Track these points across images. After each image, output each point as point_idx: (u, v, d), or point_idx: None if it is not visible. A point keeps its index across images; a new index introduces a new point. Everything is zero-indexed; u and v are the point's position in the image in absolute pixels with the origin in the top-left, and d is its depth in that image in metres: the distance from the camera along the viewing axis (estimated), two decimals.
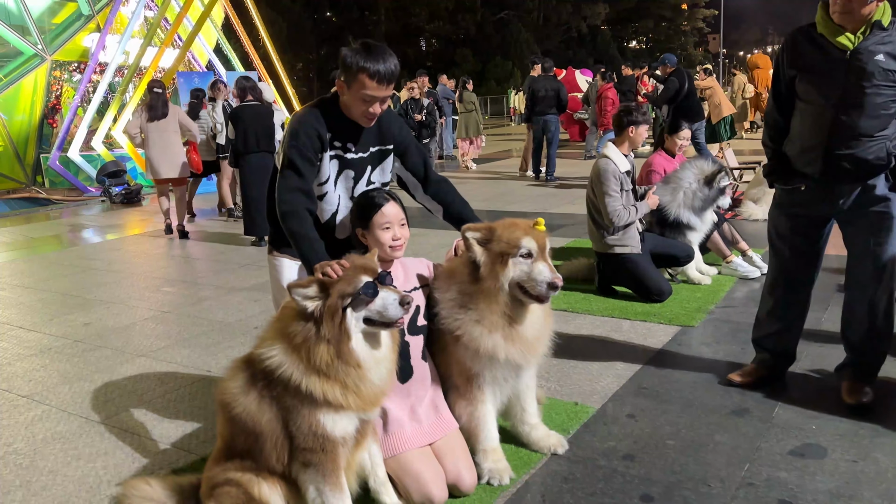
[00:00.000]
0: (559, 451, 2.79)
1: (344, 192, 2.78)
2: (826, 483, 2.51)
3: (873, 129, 2.81)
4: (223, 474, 2.31)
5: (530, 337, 2.59)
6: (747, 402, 3.18)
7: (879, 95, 2.78)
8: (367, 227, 2.57)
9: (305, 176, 2.62)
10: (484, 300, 2.51)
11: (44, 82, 14.09)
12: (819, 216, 3.05)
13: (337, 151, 2.72)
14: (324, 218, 2.77)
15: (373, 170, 2.83)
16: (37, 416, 3.48)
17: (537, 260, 2.50)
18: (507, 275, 2.48)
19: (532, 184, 11.13)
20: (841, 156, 2.85)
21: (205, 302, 5.39)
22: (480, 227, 2.58)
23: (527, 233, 2.51)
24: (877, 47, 2.76)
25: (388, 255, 2.57)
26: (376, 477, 2.46)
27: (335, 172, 2.74)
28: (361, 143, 2.76)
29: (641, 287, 4.72)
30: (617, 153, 4.77)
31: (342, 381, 2.15)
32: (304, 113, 2.72)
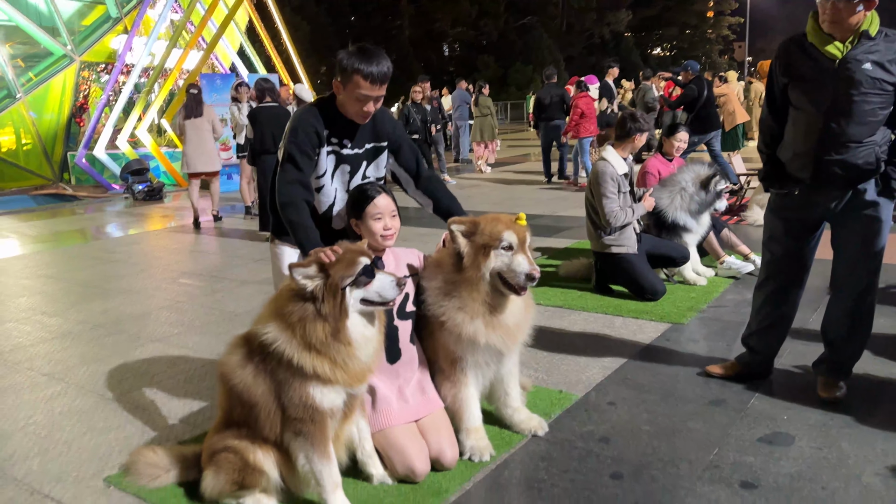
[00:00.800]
0: (539, 433, 2.95)
1: (340, 185, 2.98)
2: (789, 467, 2.65)
3: (862, 135, 2.93)
4: (222, 442, 2.51)
5: (510, 324, 2.75)
6: (725, 393, 3.32)
7: (867, 103, 2.90)
8: (360, 217, 2.76)
9: (303, 169, 2.82)
10: (466, 289, 2.69)
11: (72, 82, 14.55)
12: (811, 219, 3.17)
13: (334, 147, 2.91)
14: (321, 209, 2.97)
15: (368, 165, 3.01)
16: (56, 392, 3.71)
17: (517, 252, 2.66)
18: (489, 265, 2.65)
19: (543, 187, 11.28)
20: (831, 161, 2.96)
21: (218, 293, 5.62)
22: (465, 220, 2.75)
23: (508, 226, 2.68)
24: (864, 56, 2.88)
25: (379, 244, 2.76)
26: (363, 449, 2.65)
27: (332, 167, 2.94)
28: (357, 140, 2.95)
29: (636, 286, 4.86)
30: (615, 156, 4.92)
31: (332, 357, 2.33)
32: (304, 111, 2.92)
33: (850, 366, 3.25)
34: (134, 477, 2.71)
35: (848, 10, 2.84)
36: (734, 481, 2.57)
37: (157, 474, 2.70)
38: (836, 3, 2.83)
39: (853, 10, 2.84)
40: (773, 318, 3.36)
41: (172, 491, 2.65)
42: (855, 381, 3.30)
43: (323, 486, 2.40)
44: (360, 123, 2.91)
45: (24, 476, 2.85)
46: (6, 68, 13.43)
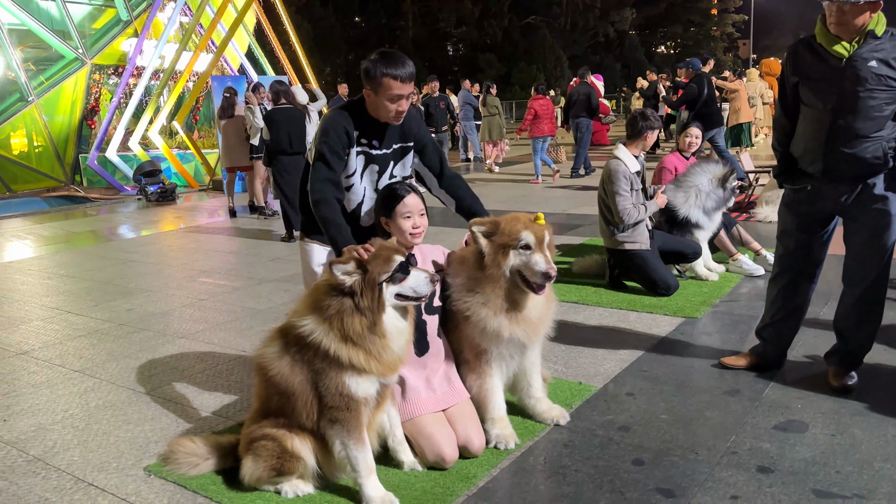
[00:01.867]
0: (561, 422, 3.06)
1: (369, 184, 3.10)
2: (804, 453, 2.75)
3: (869, 130, 3.02)
4: (260, 430, 2.63)
5: (533, 318, 2.86)
6: (739, 383, 3.43)
7: (873, 99, 3.01)
8: (390, 215, 2.88)
9: (334, 168, 2.94)
10: (489, 286, 2.79)
11: (84, 85, 14.69)
12: (822, 214, 3.27)
13: (363, 148, 3.03)
14: (350, 207, 3.09)
15: (395, 165, 3.13)
16: (89, 387, 3.84)
17: (535, 251, 2.75)
18: (508, 263, 2.75)
19: (551, 186, 11.38)
20: (840, 156, 3.07)
21: (238, 291, 5.74)
22: (485, 220, 2.86)
23: (526, 226, 2.77)
24: (870, 54, 2.99)
25: (408, 241, 2.87)
26: (394, 437, 2.76)
27: (361, 166, 3.05)
28: (385, 141, 3.07)
29: (649, 281, 4.96)
30: (628, 154, 5.02)
31: (367, 348, 2.45)
32: (335, 113, 3.04)
33: (861, 356, 3.34)
34: (173, 466, 2.82)
35: (853, 13, 2.95)
36: (751, 466, 2.67)
37: (196, 462, 2.81)
38: (841, 5, 2.94)
39: (858, 12, 2.95)
40: (786, 311, 3.46)
41: (211, 478, 2.76)
42: (866, 371, 3.41)
43: (358, 471, 2.51)
44: (396, 124, 3.02)
45: (66, 466, 2.97)
46: (19, 72, 13.58)
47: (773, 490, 2.49)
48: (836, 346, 3.40)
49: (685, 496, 2.49)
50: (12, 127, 13.98)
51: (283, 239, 7.87)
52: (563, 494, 2.55)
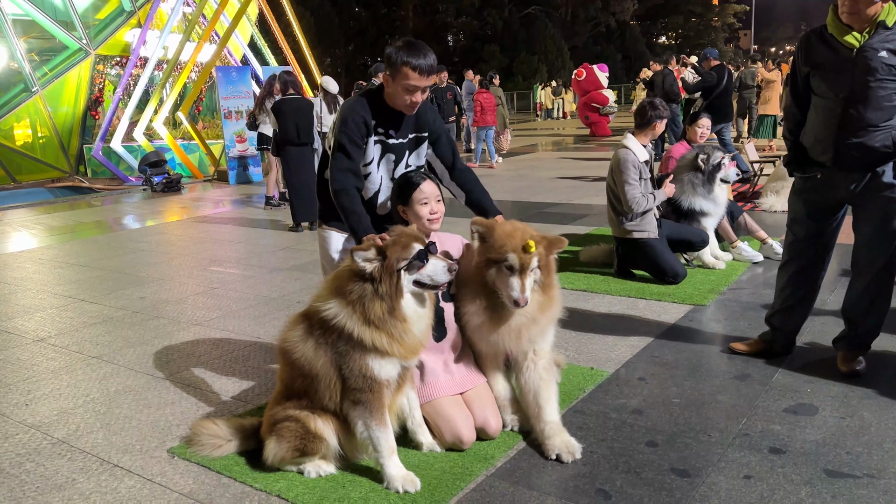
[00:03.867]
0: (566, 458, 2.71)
1: (385, 173, 3.15)
2: (814, 435, 2.81)
3: (879, 119, 3.06)
4: (283, 412, 2.69)
5: (513, 325, 2.80)
6: (749, 368, 3.49)
7: (883, 89, 3.05)
8: (407, 203, 2.93)
9: (353, 158, 3.00)
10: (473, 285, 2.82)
11: (87, 76, 14.69)
12: (832, 202, 3.32)
13: (380, 137, 3.08)
14: (367, 196, 3.14)
15: (410, 154, 3.19)
16: (108, 372, 3.90)
17: (513, 275, 2.71)
18: (490, 276, 2.77)
19: (556, 177, 11.42)
20: (850, 145, 3.12)
21: (250, 280, 5.80)
22: (484, 223, 2.82)
23: (514, 250, 2.71)
24: (881, 45, 3.04)
25: (426, 227, 2.92)
26: (413, 419, 2.82)
27: (378, 155, 3.11)
28: (401, 130, 3.13)
29: (658, 270, 5.02)
30: (636, 144, 5.06)
31: (389, 331, 2.50)
32: (353, 102, 3.08)
33: (869, 342, 3.40)
34: (197, 447, 2.89)
35: (865, 2, 2.99)
36: (763, 447, 2.73)
37: (219, 444, 2.87)
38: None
39: (871, 2, 2.99)
40: (795, 298, 3.52)
41: (234, 459, 2.83)
42: (874, 357, 3.47)
43: (380, 451, 2.57)
44: (409, 114, 3.07)
45: (91, 448, 3.03)
46: (23, 62, 13.59)
47: (786, 470, 2.56)
48: (844, 332, 3.46)
49: (699, 476, 2.55)
50: (17, 117, 14.00)
51: (290, 228, 7.92)
52: (579, 474, 2.61)
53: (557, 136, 21.72)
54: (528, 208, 8.55)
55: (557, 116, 32.01)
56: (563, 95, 31.72)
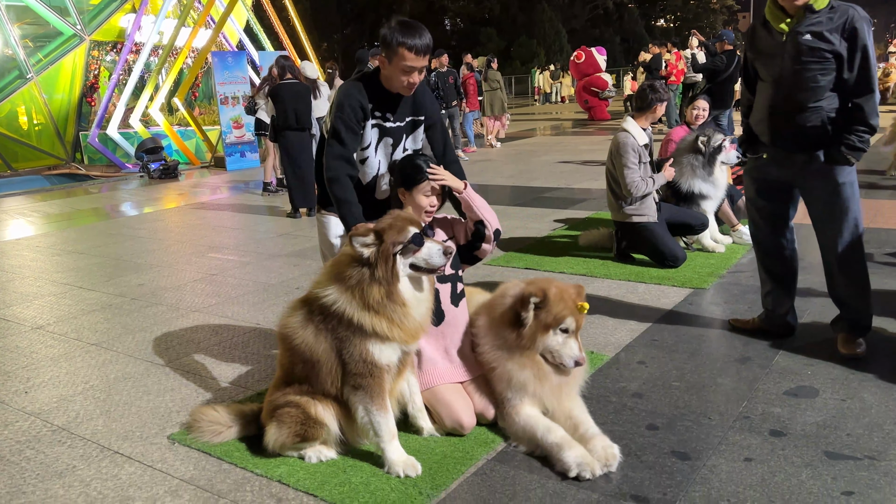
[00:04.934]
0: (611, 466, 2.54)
1: (384, 157, 3.13)
2: (815, 417, 2.81)
3: (806, 101, 3.17)
4: (283, 398, 2.68)
5: (554, 382, 2.76)
6: (749, 351, 3.48)
7: (808, 70, 3.14)
8: (410, 189, 2.90)
9: (348, 144, 2.98)
10: (520, 350, 2.76)
11: (83, 62, 14.59)
12: (777, 181, 3.41)
13: (377, 120, 3.06)
14: (365, 180, 3.12)
15: (407, 138, 3.17)
16: (107, 359, 3.89)
17: (571, 336, 2.73)
18: (546, 341, 2.72)
19: (555, 161, 11.38)
20: (782, 126, 3.27)
21: (248, 266, 5.79)
22: (538, 290, 2.72)
23: (572, 312, 2.72)
24: (805, 29, 3.14)
25: (422, 216, 2.89)
26: (414, 404, 2.82)
27: (376, 139, 3.09)
28: (398, 114, 3.10)
29: (657, 253, 5.00)
30: (636, 127, 5.03)
31: (389, 316, 2.49)
32: (349, 86, 3.05)
33: (863, 322, 3.40)
34: (197, 434, 2.88)
35: None
36: (764, 430, 2.73)
37: (220, 430, 2.87)
38: None
39: None
40: (773, 280, 3.59)
41: (235, 445, 2.82)
42: (874, 339, 3.47)
43: (381, 436, 2.57)
44: (406, 95, 3.04)
45: (91, 435, 3.03)
46: (17, 48, 13.48)
47: (786, 452, 2.56)
48: (839, 315, 3.47)
49: (700, 459, 2.55)
50: (12, 104, 13.91)
51: (288, 215, 7.89)
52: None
53: (556, 120, 21.64)
54: (526, 193, 8.53)
55: (556, 101, 31.87)
56: (561, 79, 31.57)
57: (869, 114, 3.13)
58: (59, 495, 2.56)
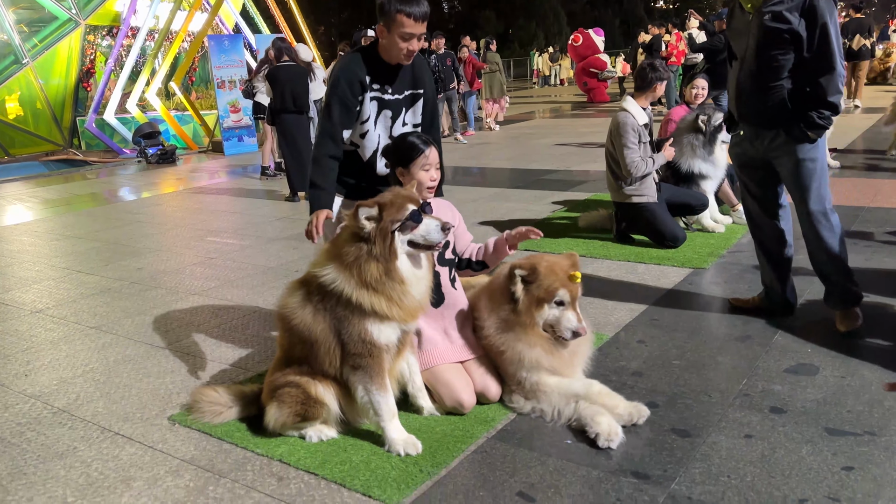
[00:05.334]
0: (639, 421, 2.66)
1: (383, 131, 3.14)
2: (815, 394, 2.81)
3: (767, 80, 3.22)
4: (283, 378, 2.68)
5: (565, 353, 2.78)
6: (749, 330, 3.48)
7: (768, 50, 3.16)
8: (407, 166, 2.88)
9: (337, 121, 3.00)
10: (521, 328, 2.77)
11: (78, 46, 14.49)
12: (753, 158, 3.45)
13: (376, 93, 3.06)
14: (366, 156, 3.12)
15: (406, 111, 3.17)
16: (106, 343, 3.89)
17: (568, 308, 2.74)
18: (542, 316, 2.74)
19: (554, 143, 11.34)
20: (745, 104, 3.35)
21: (247, 250, 5.77)
22: (526, 265, 2.75)
23: (564, 284, 2.73)
24: (768, 8, 3.14)
25: (423, 194, 2.88)
26: (414, 383, 2.82)
27: (375, 113, 3.09)
28: (397, 86, 3.10)
29: (657, 234, 4.99)
30: (636, 107, 5.00)
31: (388, 294, 2.48)
32: (347, 60, 3.06)
33: (850, 294, 3.39)
34: (197, 414, 2.88)
35: None
36: (764, 407, 2.74)
37: (220, 411, 2.87)
38: None
39: None
40: (766, 257, 3.62)
41: (236, 426, 2.82)
42: (874, 316, 3.46)
43: (380, 415, 2.57)
44: (406, 63, 3.04)
45: (91, 416, 3.03)
46: (12, 34, 13.38)
47: (787, 429, 2.56)
48: (826, 289, 3.49)
49: (700, 436, 2.56)
50: (8, 90, 13.83)
51: (287, 198, 7.86)
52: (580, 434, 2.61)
53: (555, 102, 21.54)
54: (525, 175, 8.50)
55: (555, 83, 31.70)
56: (560, 62, 31.39)
57: (829, 92, 3.13)
58: (60, 476, 2.57)
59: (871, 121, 10.97)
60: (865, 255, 4.48)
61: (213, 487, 2.43)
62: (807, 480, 2.24)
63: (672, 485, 2.26)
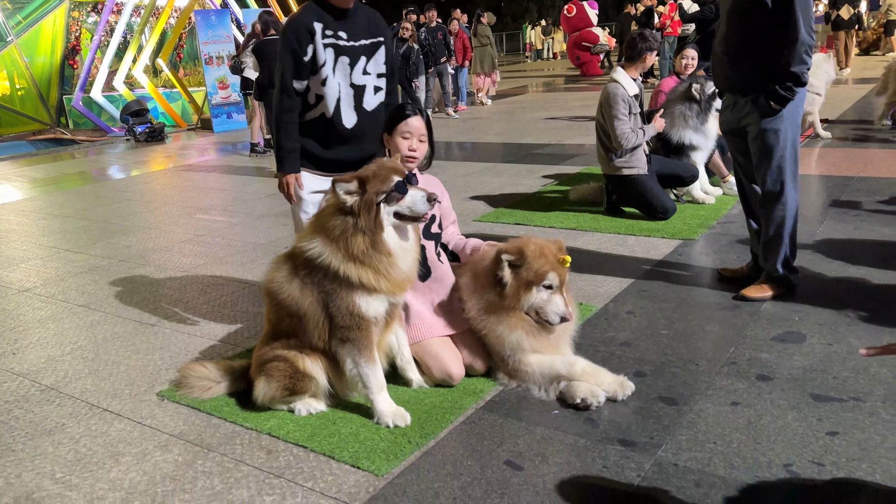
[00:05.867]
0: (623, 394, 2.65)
1: (343, 78, 3.06)
2: (802, 361, 2.83)
3: (733, 46, 3.27)
4: (272, 352, 2.67)
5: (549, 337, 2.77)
6: (738, 299, 3.49)
7: (735, 15, 3.22)
8: (391, 132, 2.86)
9: (288, 71, 2.99)
10: (506, 311, 2.75)
11: (63, 23, 14.26)
12: (731, 125, 3.49)
13: (331, 39, 3.01)
14: (330, 109, 3.06)
15: (367, 60, 3.10)
16: (95, 320, 3.87)
17: (556, 292, 2.72)
18: (529, 300, 2.71)
19: (546, 117, 11.27)
20: (716, 69, 3.43)
21: (236, 227, 5.74)
22: (513, 249, 2.73)
23: (553, 268, 2.71)
24: None
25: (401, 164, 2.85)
26: (402, 356, 2.82)
27: (332, 59, 3.02)
28: (353, 33, 3.06)
29: (647, 206, 4.98)
30: (626, 77, 4.95)
31: (375, 267, 2.46)
32: (296, 13, 3.08)
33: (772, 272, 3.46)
34: (186, 390, 2.88)
35: None
36: (751, 375, 2.75)
37: (209, 386, 2.87)
38: None
39: None
40: (751, 226, 3.65)
41: (224, 400, 2.82)
42: (862, 284, 3.47)
43: (369, 388, 2.57)
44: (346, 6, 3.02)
45: (80, 394, 3.02)
46: None
47: (773, 396, 2.58)
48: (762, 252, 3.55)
49: (687, 403, 2.57)
50: None
51: (275, 175, 7.79)
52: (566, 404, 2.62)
53: (547, 76, 21.39)
54: (519, 149, 8.45)
55: (547, 57, 31.45)
56: (552, 35, 31.11)
57: (792, 62, 3.12)
58: (48, 452, 2.57)
59: (862, 91, 10.93)
60: (854, 225, 4.48)
61: (201, 461, 2.43)
62: (792, 446, 2.26)
63: (658, 452, 2.28)
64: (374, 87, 3.13)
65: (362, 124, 3.10)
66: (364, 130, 3.10)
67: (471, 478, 2.22)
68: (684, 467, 2.19)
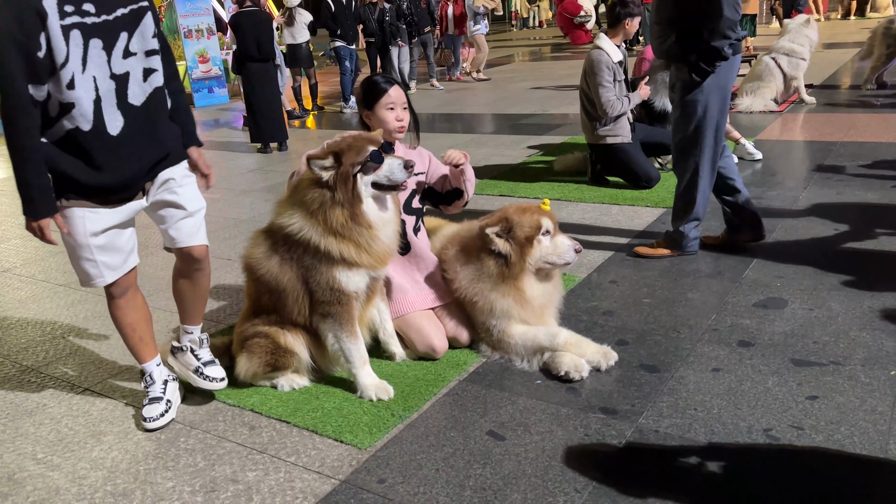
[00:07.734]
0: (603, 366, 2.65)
1: (98, 70, 2.20)
2: (783, 327, 2.84)
3: (664, 19, 3.32)
4: (252, 328, 2.66)
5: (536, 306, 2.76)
6: (720, 267, 3.49)
7: None
8: (371, 108, 2.81)
9: (17, 74, 2.09)
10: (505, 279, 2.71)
11: None
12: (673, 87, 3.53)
13: (72, 19, 2.14)
14: (89, 117, 2.21)
15: (130, 37, 2.27)
16: (75, 300, 3.83)
17: (555, 234, 2.72)
18: (537, 255, 2.69)
19: (532, 87, 11.17)
20: (651, 40, 3.55)
21: (218, 203, 5.68)
22: (496, 220, 2.72)
23: (542, 214, 2.71)
24: None
25: (391, 136, 2.82)
26: (385, 330, 2.81)
27: (80, 47, 2.15)
28: (103, 4, 2.21)
29: (631, 174, 4.96)
30: (610, 44, 4.90)
31: (356, 240, 2.44)
32: None
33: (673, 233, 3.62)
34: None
35: None
36: (732, 341, 2.76)
37: None
38: None
39: None
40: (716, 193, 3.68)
41: None
42: (844, 248, 3.49)
43: (352, 362, 2.56)
44: None
45: (61, 374, 3.00)
46: None
47: (754, 361, 2.59)
48: None
49: (668, 371, 2.58)
50: None
51: (259, 150, 7.72)
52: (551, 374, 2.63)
53: (534, 45, 21.17)
54: (504, 120, 8.39)
55: (533, 25, 31.12)
56: (538, 3, 30.76)
57: (712, 37, 3.15)
58: (29, 433, 2.55)
59: (847, 55, 10.90)
60: (837, 189, 4.49)
61: (184, 439, 2.43)
62: (772, 410, 2.28)
63: (639, 419, 2.29)
64: (144, 71, 2.31)
65: (131, 126, 2.28)
66: (136, 132, 2.30)
67: (453, 449, 2.22)
68: (665, 433, 2.20)
